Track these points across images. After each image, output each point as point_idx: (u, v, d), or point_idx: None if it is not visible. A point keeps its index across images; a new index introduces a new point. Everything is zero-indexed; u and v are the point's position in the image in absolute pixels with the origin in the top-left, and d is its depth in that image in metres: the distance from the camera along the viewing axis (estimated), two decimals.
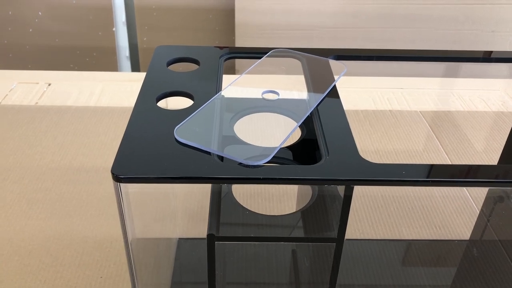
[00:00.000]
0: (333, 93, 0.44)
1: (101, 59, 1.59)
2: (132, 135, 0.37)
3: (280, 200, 0.73)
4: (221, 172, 0.34)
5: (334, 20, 1.42)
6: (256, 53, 0.50)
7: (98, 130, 0.88)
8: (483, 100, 1.01)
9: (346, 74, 0.47)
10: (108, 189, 0.74)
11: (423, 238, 0.67)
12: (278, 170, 0.34)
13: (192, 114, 0.39)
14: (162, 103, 0.42)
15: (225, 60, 0.50)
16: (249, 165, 0.34)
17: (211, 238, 0.37)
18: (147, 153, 0.35)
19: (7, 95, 0.98)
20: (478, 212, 0.70)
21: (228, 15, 1.49)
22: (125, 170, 0.34)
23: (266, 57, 0.48)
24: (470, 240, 0.66)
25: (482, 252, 0.63)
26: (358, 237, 0.67)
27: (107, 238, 0.66)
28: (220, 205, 0.39)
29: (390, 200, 0.73)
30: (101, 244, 0.65)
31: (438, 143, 0.87)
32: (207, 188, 0.44)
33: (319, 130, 0.39)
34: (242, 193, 0.74)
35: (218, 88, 0.44)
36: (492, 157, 0.84)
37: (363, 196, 0.74)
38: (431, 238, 0.67)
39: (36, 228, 0.67)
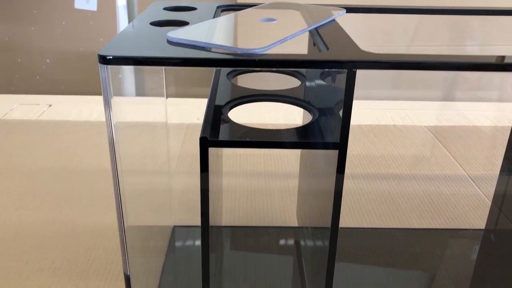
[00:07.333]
0: (333, 23, 0.43)
1: None
2: (124, 36, 0.36)
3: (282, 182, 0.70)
4: (215, 55, 0.32)
5: None
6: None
7: (96, 139, 0.86)
8: (489, 119, 0.99)
9: None
10: (103, 186, 0.71)
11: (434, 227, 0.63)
12: (275, 55, 0.32)
13: (187, 26, 0.38)
14: None
15: (222, 11, 0.49)
16: (245, 53, 0.32)
17: (204, 142, 0.34)
18: (138, 45, 0.34)
19: (7, 113, 0.97)
20: (490, 204, 0.66)
21: None
22: (114, 52, 0.32)
23: (263, 6, 0.48)
24: (485, 229, 0.62)
25: (499, 240, 0.59)
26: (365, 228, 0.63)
27: (98, 225, 0.62)
28: (215, 112, 0.37)
29: (398, 196, 0.70)
30: (91, 230, 0.61)
31: (446, 150, 0.84)
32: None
33: (318, 40, 0.37)
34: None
35: None
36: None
37: (371, 192, 0.71)
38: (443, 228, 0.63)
39: (24, 217, 0.63)
